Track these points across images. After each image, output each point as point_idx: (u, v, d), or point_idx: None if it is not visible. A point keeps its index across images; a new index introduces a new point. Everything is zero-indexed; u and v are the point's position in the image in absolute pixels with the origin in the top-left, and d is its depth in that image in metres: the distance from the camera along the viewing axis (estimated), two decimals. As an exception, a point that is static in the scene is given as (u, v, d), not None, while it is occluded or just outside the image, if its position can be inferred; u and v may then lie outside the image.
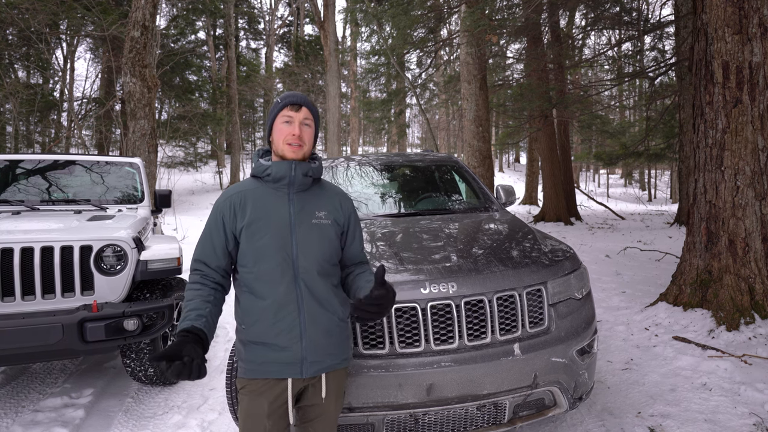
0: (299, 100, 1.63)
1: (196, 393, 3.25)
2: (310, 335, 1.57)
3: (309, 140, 1.66)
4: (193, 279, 1.61)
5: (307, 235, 1.60)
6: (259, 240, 1.57)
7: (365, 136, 37.36)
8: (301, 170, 1.61)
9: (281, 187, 1.63)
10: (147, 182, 4.34)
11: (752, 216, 3.89)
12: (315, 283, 1.60)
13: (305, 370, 1.56)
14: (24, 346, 2.66)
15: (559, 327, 2.24)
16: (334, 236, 1.67)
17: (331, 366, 1.63)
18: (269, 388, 1.57)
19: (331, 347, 1.62)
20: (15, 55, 15.78)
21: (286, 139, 1.61)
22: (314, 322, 1.58)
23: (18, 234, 2.85)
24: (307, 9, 28.82)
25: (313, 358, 1.57)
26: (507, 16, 9.85)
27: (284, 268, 1.57)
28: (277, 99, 1.67)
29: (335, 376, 1.66)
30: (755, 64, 3.83)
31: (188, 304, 1.55)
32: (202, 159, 21.60)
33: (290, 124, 1.62)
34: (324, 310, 1.61)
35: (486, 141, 10.28)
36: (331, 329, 1.62)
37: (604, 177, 39.04)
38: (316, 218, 1.64)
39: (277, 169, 1.61)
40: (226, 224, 1.61)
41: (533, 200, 19.30)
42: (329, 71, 17.13)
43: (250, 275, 1.58)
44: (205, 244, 1.63)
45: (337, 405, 1.71)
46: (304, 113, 1.63)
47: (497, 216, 3.30)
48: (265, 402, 1.56)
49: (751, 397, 2.83)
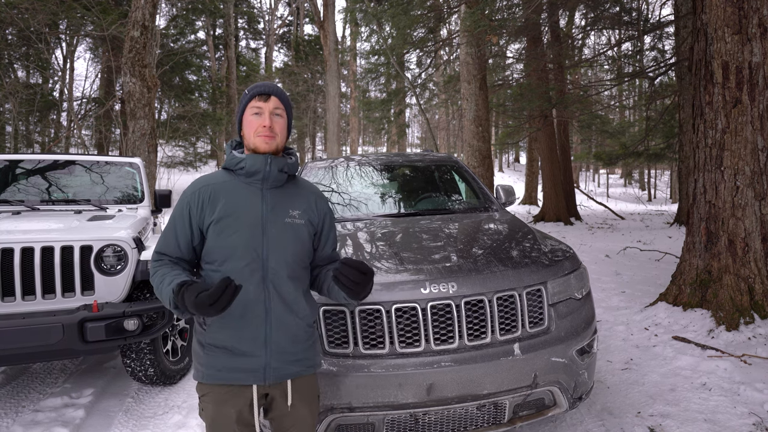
0: (267, 89, 1.54)
1: (196, 393, 3.25)
2: (275, 340, 1.49)
3: (281, 131, 1.56)
4: (159, 264, 1.52)
5: (279, 234, 1.52)
6: (228, 237, 1.48)
7: (365, 136, 37.37)
8: (276, 165, 1.53)
9: (254, 182, 1.54)
10: (147, 182, 4.34)
11: (752, 216, 3.90)
12: (284, 285, 1.51)
13: (268, 377, 1.49)
14: (24, 346, 2.66)
15: (559, 327, 2.24)
16: (307, 237, 1.59)
17: (296, 373, 1.55)
18: (233, 396, 1.49)
19: (297, 353, 1.55)
20: (15, 55, 15.77)
21: (257, 131, 1.52)
22: (281, 327, 1.50)
23: (18, 234, 2.85)
24: (307, 9, 28.80)
25: (277, 365, 1.50)
26: (507, 16, 9.85)
27: (253, 268, 1.48)
28: (245, 91, 1.57)
29: (303, 383, 1.59)
30: (755, 65, 3.83)
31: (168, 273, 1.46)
32: (201, 159, 21.61)
33: (260, 116, 1.52)
34: (292, 315, 1.53)
35: (486, 141, 10.29)
36: (298, 335, 1.55)
37: (603, 177, 39.05)
38: (290, 217, 1.55)
39: (251, 162, 1.51)
40: (193, 218, 1.51)
41: (533, 200, 19.31)
42: (329, 71, 17.13)
43: (216, 274, 1.49)
44: (168, 236, 1.54)
45: (312, 411, 1.63)
46: (273, 103, 1.53)
47: (497, 216, 3.30)
48: (232, 410, 1.49)
49: (751, 397, 2.83)
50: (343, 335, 2.09)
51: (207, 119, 19.63)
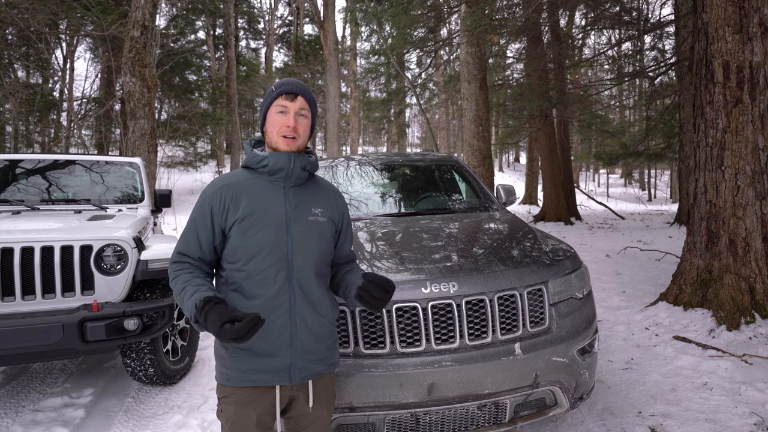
0: (295, 88, 1.51)
1: (196, 393, 3.25)
2: (300, 339, 1.48)
3: (304, 132, 1.54)
4: (180, 267, 1.48)
5: (303, 232, 1.50)
6: (253, 236, 1.45)
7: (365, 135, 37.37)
8: (300, 163, 1.51)
9: (277, 180, 1.52)
10: (147, 182, 4.34)
11: (752, 215, 3.89)
12: (309, 284, 1.51)
13: (294, 377, 1.48)
14: (24, 346, 2.65)
15: (559, 326, 2.23)
16: (330, 235, 1.59)
17: (319, 372, 1.55)
18: (256, 398, 1.48)
19: (321, 352, 1.54)
20: (15, 55, 15.76)
21: (281, 130, 1.50)
22: (306, 326, 1.49)
23: (18, 234, 2.85)
24: (307, 9, 28.80)
25: (302, 364, 1.49)
26: (507, 16, 9.85)
27: (279, 267, 1.46)
28: (272, 86, 1.54)
29: (323, 383, 1.59)
30: (755, 64, 3.83)
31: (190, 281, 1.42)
32: (201, 159, 21.58)
33: (285, 115, 1.50)
34: (316, 314, 1.52)
35: (486, 141, 10.28)
36: (322, 333, 1.54)
37: (604, 177, 39.05)
38: (313, 215, 1.54)
39: (275, 160, 1.49)
40: (215, 217, 1.48)
41: (533, 200, 19.31)
42: (329, 71, 17.13)
43: (240, 273, 1.47)
44: (189, 237, 1.50)
45: (329, 411, 1.64)
46: (300, 103, 1.51)
47: (497, 215, 3.29)
48: (253, 413, 1.48)
49: (752, 397, 2.83)
50: (344, 335, 2.08)
51: (207, 119, 19.62)
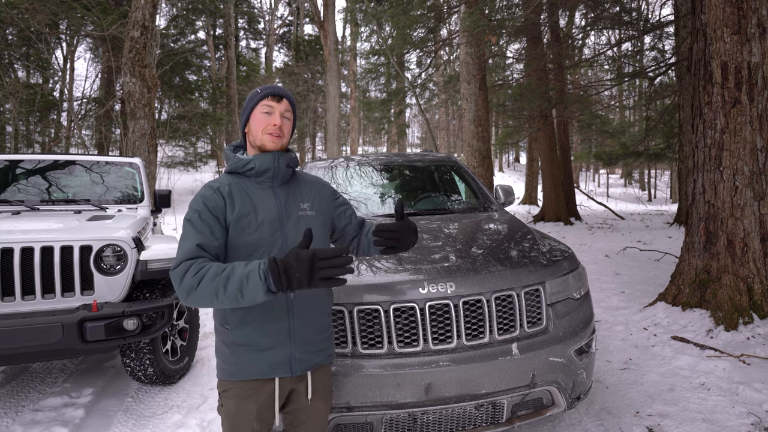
0: (280, 92, 1.57)
1: (195, 393, 3.26)
2: (299, 331, 1.53)
3: (287, 132, 1.60)
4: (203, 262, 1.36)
5: (295, 228, 1.56)
6: (249, 236, 1.50)
7: (365, 136, 37.36)
8: (284, 161, 1.57)
9: (265, 181, 1.57)
10: (147, 182, 4.34)
11: (751, 216, 3.90)
12: None
13: (294, 368, 1.52)
14: (24, 346, 2.66)
15: (557, 327, 2.24)
16: (320, 226, 1.63)
17: (318, 363, 1.60)
18: (255, 390, 1.52)
19: (319, 343, 1.60)
20: (15, 55, 15.77)
21: (267, 129, 1.54)
22: (304, 319, 1.54)
23: (18, 234, 2.86)
24: (307, 9, 28.80)
25: (301, 356, 1.54)
26: (507, 17, 9.85)
27: None
28: (256, 90, 1.59)
29: (321, 376, 1.63)
30: (754, 65, 3.84)
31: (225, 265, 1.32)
32: (201, 159, 21.60)
33: (271, 115, 1.55)
34: (313, 305, 1.57)
35: (485, 141, 10.29)
36: (320, 324, 1.60)
37: (603, 177, 39.05)
38: (302, 210, 1.60)
39: (260, 161, 1.53)
40: (220, 212, 1.48)
41: (533, 200, 19.31)
42: (329, 71, 17.13)
43: None
44: (203, 231, 1.44)
45: (327, 405, 1.67)
46: (284, 105, 1.57)
47: (496, 216, 3.30)
48: (253, 406, 1.52)
49: (750, 397, 2.83)
50: (342, 335, 2.09)
51: (207, 119, 19.64)
